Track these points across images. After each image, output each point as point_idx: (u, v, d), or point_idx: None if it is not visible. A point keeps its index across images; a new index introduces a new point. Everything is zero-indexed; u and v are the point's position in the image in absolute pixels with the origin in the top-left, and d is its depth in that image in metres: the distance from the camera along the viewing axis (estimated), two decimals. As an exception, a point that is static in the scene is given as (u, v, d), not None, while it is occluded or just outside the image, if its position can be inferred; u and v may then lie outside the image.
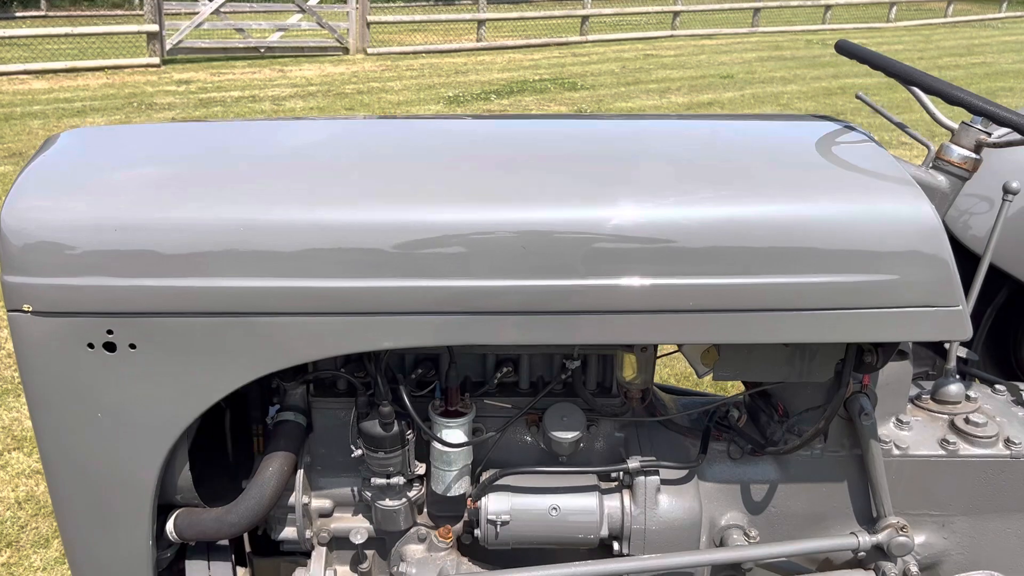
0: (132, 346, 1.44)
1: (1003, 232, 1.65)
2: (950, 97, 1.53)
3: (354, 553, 1.80)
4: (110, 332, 1.43)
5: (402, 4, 20.53)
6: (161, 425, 1.50)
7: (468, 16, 15.89)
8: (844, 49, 1.73)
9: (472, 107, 10.15)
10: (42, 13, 17.20)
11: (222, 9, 13.22)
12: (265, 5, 16.33)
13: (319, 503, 1.78)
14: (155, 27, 12.21)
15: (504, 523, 1.66)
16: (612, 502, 1.71)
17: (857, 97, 1.96)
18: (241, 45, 13.46)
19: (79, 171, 1.52)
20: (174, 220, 1.41)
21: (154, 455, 1.52)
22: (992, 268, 2.01)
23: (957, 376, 1.90)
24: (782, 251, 1.42)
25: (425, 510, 1.81)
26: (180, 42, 12.66)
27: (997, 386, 2.00)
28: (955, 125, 1.64)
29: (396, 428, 1.61)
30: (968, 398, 1.88)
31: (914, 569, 1.77)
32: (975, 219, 2.16)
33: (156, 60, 12.22)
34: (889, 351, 1.58)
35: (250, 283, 1.40)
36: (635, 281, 1.41)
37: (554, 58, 13.99)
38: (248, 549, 1.86)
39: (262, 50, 13.48)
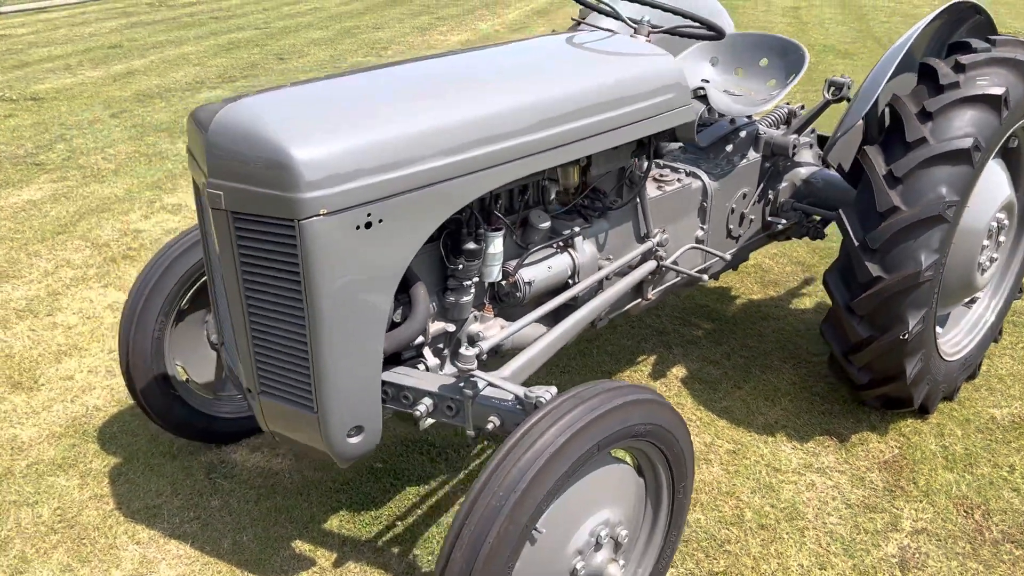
0: (380, 220, 2.23)
1: None
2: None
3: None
4: (369, 215, 2.20)
5: None
6: (396, 266, 2.32)
7: None
8: None
9: None
10: None
11: None
12: None
13: None
14: None
15: (530, 283, 2.85)
16: (569, 257, 3.02)
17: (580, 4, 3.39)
18: None
19: (310, 116, 2.19)
20: (401, 131, 2.23)
21: (390, 289, 2.33)
22: None
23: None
24: (619, 98, 2.82)
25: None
26: None
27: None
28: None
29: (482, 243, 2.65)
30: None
31: (662, 252, 3.47)
32: None
33: None
34: (662, 137, 3.18)
35: (441, 162, 2.31)
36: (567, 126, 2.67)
37: None
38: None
39: None
